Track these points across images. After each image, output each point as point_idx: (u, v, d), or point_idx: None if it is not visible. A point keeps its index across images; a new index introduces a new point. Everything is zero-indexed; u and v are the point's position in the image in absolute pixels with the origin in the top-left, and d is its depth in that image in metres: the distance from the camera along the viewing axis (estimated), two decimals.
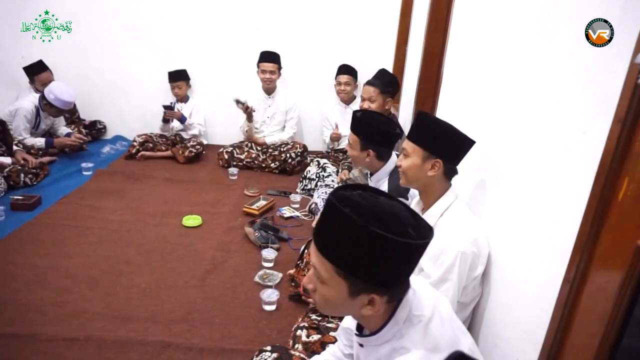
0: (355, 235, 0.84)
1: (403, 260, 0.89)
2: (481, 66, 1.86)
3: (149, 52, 4.24)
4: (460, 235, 1.48)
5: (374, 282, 0.89)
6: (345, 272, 0.88)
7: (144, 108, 4.36)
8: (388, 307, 0.95)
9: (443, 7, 2.82)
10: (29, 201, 2.88)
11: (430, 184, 1.56)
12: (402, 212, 0.91)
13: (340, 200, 0.86)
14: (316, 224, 0.94)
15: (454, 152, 1.54)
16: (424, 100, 3.07)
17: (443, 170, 1.53)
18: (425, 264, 1.51)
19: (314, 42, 4.17)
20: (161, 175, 3.60)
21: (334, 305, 0.98)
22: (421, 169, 1.54)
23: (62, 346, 1.76)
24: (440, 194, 1.56)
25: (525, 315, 1.29)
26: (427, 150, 1.52)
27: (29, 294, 2.06)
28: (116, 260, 2.39)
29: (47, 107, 3.57)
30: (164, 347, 1.79)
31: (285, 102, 3.96)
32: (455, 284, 1.46)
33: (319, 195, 2.86)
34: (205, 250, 2.53)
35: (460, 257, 1.44)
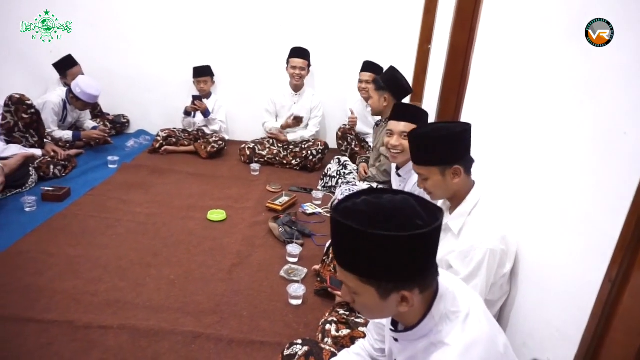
0: (362, 242, 0.88)
1: (417, 251, 0.89)
2: (512, 65, 1.87)
3: (173, 48, 4.30)
4: (489, 232, 1.49)
5: (397, 280, 0.91)
6: (368, 278, 0.91)
7: (166, 103, 4.43)
8: (423, 300, 0.97)
9: (470, 6, 2.81)
10: (59, 192, 2.96)
11: (458, 189, 1.57)
12: (407, 205, 0.92)
13: (342, 214, 0.90)
14: (331, 241, 0.97)
15: (462, 149, 1.54)
16: (448, 99, 3.07)
17: (464, 171, 1.53)
18: (454, 261, 1.53)
19: (337, 40, 4.18)
20: (185, 170, 3.65)
21: (373, 310, 1.01)
22: (445, 181, 1.53)
23: (97, 333, 1.82)
24: (466, 193, 1.57)
25: (558, 313, 1.30)
26: (441, 165, 1.51)
27: (63, 282, 2.12)
28: (145, 252, 2.44)
29: (73, 101, 3.65)
30: (195, 337, 1.84)
31: (311, 100, 3.99)
32: (484, 281, 1.48)
33: (342, 192, 2.88)
34: (231, 244, 2.58)
35: (489, 254, 1.46)
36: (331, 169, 3.43)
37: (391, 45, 4.06)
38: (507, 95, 1.88)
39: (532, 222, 1.53)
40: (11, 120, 3.24)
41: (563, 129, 1.37)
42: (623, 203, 1.00)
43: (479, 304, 1.07)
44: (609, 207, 1.08)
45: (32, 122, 3.32)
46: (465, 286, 1.12)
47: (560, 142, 1.38)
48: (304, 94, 3.97)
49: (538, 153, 1.53)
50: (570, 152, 1.31)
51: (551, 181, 1.41)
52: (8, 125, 3.23)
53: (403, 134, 2.16)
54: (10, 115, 3.24)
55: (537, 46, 1.64)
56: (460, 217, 1.56)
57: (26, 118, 3.27)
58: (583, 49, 1.28)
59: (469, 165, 1.56)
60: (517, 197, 1.67)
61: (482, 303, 1.10)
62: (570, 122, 1.33)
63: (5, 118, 3.23)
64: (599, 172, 1.15)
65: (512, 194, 1.71)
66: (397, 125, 2.20)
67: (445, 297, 0.99)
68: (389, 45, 4.06)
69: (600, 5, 1.23)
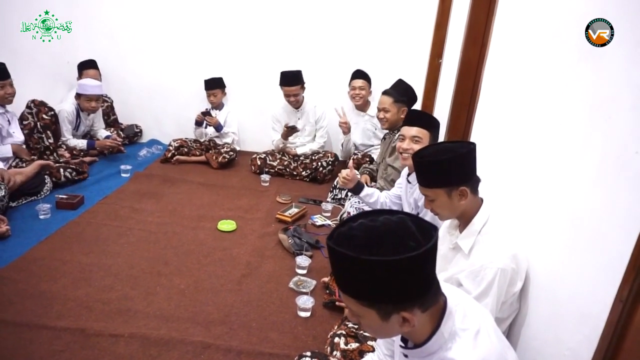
0: (356, 268, 0.89)
1: (411, 273, 0.90)
2: (523, 81, 1.88)
3: (186, 60, 4.38)
4: (500, 251, 1.48)
5: (395, 302, 0.92)
6: (366, 301, 0.93)
7: (179, 113, 4.49)
8: (429, 318, 0.98)
9: (481, 21, 2.83)
10: (72, 200, 3.01)
11: (465, 209, 1.56)
12: (401, 227, 0.92)
13: (336, 241, 0.92)
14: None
15: (468, 170, 1.53)
16: (458, 115, 3.08)
17: (470, 191, 1.52)
18: (464, 280, 1.52)
19: (347, 53, 4.22)
20: (196, 180, 3.70)
21: (377, 331, 1.03)
22: (452, 203, 1.52)
23: (108, 341, 1.84)
24: (475, 212, 1.56)
25: (568, 332, 1.30)
26: (446, 187, 1.51)
27: (76, 289, 2.15)
28: (156, 261, 2.47)
29: (81, 101, 3.73)
30: (204, 347, 1.85)
31: (314, 112, 4.02)
32: (494, 301, 1.47)
33: (352, 205, 2.89)
34: (241, 255, 2.60)
35: (500, 273, 1.45)
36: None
37: (402, 59, 4.09)
38: (518, 111, 1.90)
39: (543, 239, 1.52)
40: (32, 121, 3.35)
41: (574, 146, 1.37)
42: (634, 222, 1.00)
43: (489, 321, 1.07)
44: (620, 225, 1.08)
45: (51, 124, 3.44)
46: (475, 303, 1.12)
47: (571, 159, 1.39)
48: (305, 108, 3.99)
49: (549, 170, 1.53)
50: (582, 170, 1.31)
51: (562, 199, 1.41)
52: (29, 126, 3.34)
53: (414, 138, 2.22)
54: (32, 116, 3.36)
55: (548, 63, 1.65)
56: (470, 236, 1.56)
57: (46, 119, 3.40)
58: (595, 67, 1.29)
59: (475, 185, 1.56)
60: (528, 215, 1.67)
61: (492, 320, 1.10)
62: (581, 140, 1.33)
63: (26, 119, 3.33)
64: (610, 190, 1.15)
65: (523, 211, 1.72)
66: (410, 130, 2.25)
67: (454, 314, 1.00)
68: (400, 59, 4.09)
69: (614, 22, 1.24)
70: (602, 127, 1.23)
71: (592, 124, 1.28)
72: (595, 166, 1.24)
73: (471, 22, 2.87)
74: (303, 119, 4.01)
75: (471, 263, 1.53)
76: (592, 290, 1.18)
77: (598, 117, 1.25)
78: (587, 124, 1.32)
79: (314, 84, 4.11)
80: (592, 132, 1.28)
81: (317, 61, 4.22)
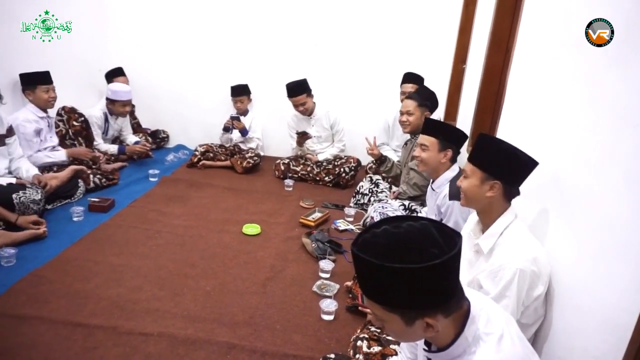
0: (380, 274, 0.91)
1: (434, 280, 0.91)
2: (550, 88, 1.87)
3: (211, 67, 4.49)
4: (520, 253, 1.49)
5: (418, 308, 0.94)
6: (390, 307, 0.95)
7: (205, 119, 4.61)
8: (453, 322, 0.99)
9: (506, 27, 2.83)
10: (104, 203, 3.12)
11: (489, 204, 1.59)
12: (425, 234, 0.93)
13: (360, 247, 0.94)
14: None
15: (514, 174, 1.55)
16: (482, 120, 3.07)
17: (502, 192, 1.55)
18: (483, 280, 1.53)
19: (370, 58, 4.26)
20: (221, 184, 3.78)
21: (401, 335, 1.05)
22: (480, 190, 1.57)
23: (139, 339, 1.90)
24: (499, 214, 1.58)
25: (595, 341, 1.29)
26: (485, 172, 1.55)
27: (107, 289, 2.23)
28: (182, 263, 2.54)
29: (111, 106, 3.87)
30: (230, 348, 1.90)
31: (327, 118, 4.02)
32: (514, 302, 1.47)
33: (375, 210, 2.91)
34: (265, 258, 2.65)
35: (518, 274, 1.45)
36: (363, 186, 3.47)
37: (426, 64, 4.09)
38: (544, 117, 1.89)
39: (568, 246, 1.51)
40: (63, 128, 3.50)
41: (602, 152, 1.36)
42: None
43: (513, 326, 1.08)
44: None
45: (82, 130, 3.58)
46: (498, 308, 1.13)
47: (598, 166, 1.38)
48: (317, 115, 4.01)
49: (575, 176, 1.53)
50: (610, 177, 1.30)
51: (589, 206, 1.40)
52: (60, 133, 3.49)
53: (421, 145, 2.32)
54: (63, 123, 3.50)
55: (575, 69, 1.64)
56: (491, 237, 1.57)
57: (76, 126, 3.54)
58: (624, 73, 1.29)
59: (510, 192, 1.57)
60: (553, 221, 1.66)
61: (516, 325, 1.11)
62: (609, 146, 1.32)
63: (57, 126, 3.47)
64: (638, 196, 1.15)
65: (548, 217, 1.71)
66: (421, 137, 2.35)
67: (478, 319, 1.01)
68: (424, 64, 4.09)
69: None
70: (630, 134, 1.23)
71: (620, 131, 1.27)
72: (624, 173, 1.23)
73: (495, 28, 2.87)
74: (317, 126, 4.03)
75: (491, 263, 1.54)
76: (619, 300, 1.17)
77: (626, 124, 1.24)
78: (615, 130, 1.31)
79: (338, 90, 4.15)
80: (620, 138, 1.28)
81: (342, 67, 4.28)
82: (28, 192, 2.71)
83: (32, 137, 3.20)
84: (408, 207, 2.94)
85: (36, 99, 3.23)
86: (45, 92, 3.23)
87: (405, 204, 2.96)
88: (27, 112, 3.21)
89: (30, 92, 3.22)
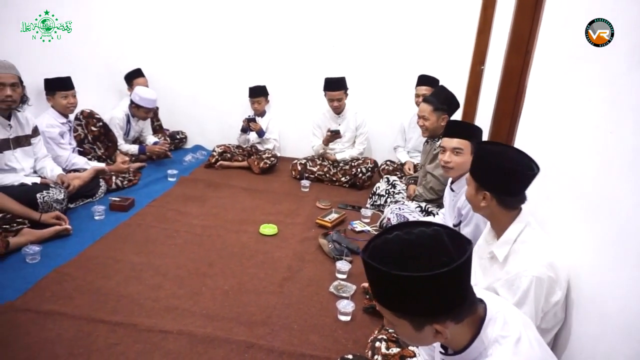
0: (388, 282, 0.92)
1: (444, 287, 0.91)
2: (571, 91, 1.85)
3: (230, 69, 4.54)
4: (535, 260, 1.47)
5: (427, 315, 0.94)
6: (399, 312, 0.96)
7: (222, 120, 4.66)
8: (466, 326, 0.99)
9: (525, 29, 2.80)
10: (124, 203, 3.18)
11: (490, 213, 1.59)
12: (435, 241, 0.93)
13: (370, 254, 0.94)
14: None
15: (505, 186, 1.53)
16: (501, 122, 3.04)
17: (497, 202, 1.54)
18: (500, 289, 1.52)
19: (387, 59, 4.26)
20: (238, 185, 3.81)
21: (412, 340, 1.06)
22: (475, 199, 1.60)
23: (158, 337, 1.94)
24: (509, 222, 1.56)
25: (617, 348, 1.27)
26: (477, 182, 1.58)
27: (128, 287, 2.28)
28: (201, 262, 2.57)
29: (135, 110, 3.94)
30: (248, 347, 1.92)
31: (355, 119, 4.06)
32: (532, 309, 1.45)
33: (392, 211, 2.91)
34: (282, 258, 2.67)
35: (535, 281, 1.44)
36: (380, 187, 3.47)
37: (444, 65, 4.07)
38: (565, 120, 1.87)
39: (590, 251, 1.50)
40: (82, 133, 3.56)
41: (625, 156, 1.35)
42: None
43: (531, 329, 1.07)
44: None
45: (100, 135, 3.64)
46: (516, 311, 1.13)
47: (621, 170, 1.36)
48: (346, 114, 4.05)
49: (597, 180, 1.51)
50: (633, 181, 1.29)
51: (612, 210, 1.39)
52: (79, 137, 3.56)
53: (455, 150, 2.24)
54: (81, 128, 3.56)
55: (598, 72, 1.62)
56: (505, 244, 1.56)
57: (95, 131, 3.60)
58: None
59: (505, 202, 1.54)
60: (574, 225, 1.64)
61: (534, 328, 1.10)
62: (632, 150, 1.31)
63: (76, 130, 3.54)
64: None
65: (568, 221, 1.69)
66: (450, 141, 2.26)
67: (495, 321, 1.01)
68: (442, 65, 4.08)
69: None
70: None
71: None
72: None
73: (515, 29, 2.84)
74: (344, 125, 4.06)
75: (506, 272, 1.52)
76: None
77: None
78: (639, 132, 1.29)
79: (355, 91, 4.16)
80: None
81: (359, 68, 4.28)
82: (52, 192, 2.78)
83: (59, 139, 3.27)
84: (424, 208, 2.94)
85: (56, 105, 3.28)
86: (63, 98, 3.27)
87: (422, 205, 2.96)
88: (49, 118, 3.26)
89: (50, 98, 3.28)
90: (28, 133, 2.95)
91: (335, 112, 4.01)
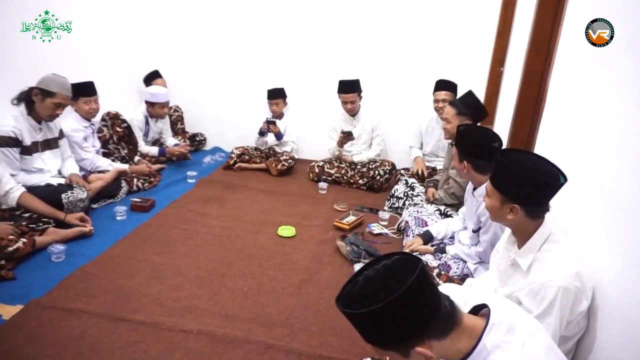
0: (358, 321, 0.97)
1: (404, 310, 0.93)
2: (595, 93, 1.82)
3: (248, 71, 4.58)
4: (562, 269, 1.44)
5: (405, 340, 0.96)
6: (382, 346, 0.99)
7: (241, 122, 4.71)
8: (460, 337, 1.00)
9: (547, 30, 2.76)
10: (145, 204, 3.23)
11: (515, 224, 1.55)
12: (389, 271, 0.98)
13: (338, 298, 1.01)
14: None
15: (533, 197, 1.48)
16: (521, 125, 3.00)
17: (524, 213, 1.49)
18: (523, 298, 1.49)
19: (405, 61, 4.24)
20: (256, 186, 3.85)
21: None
22: (500, 212, 1.54)
23: (179, 336, 1.97)
24: (533, 231, 1.53)
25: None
26: (503, 195, 1.51)
27: (149, 287, 2.32)
28: (220, 263, 2.60)
29: (151, 109, 4.01)
30: (267, 347, 1.93)
31: (370, 121, 4.06)
32: (557, 320, 1.42)
33: (410, 214, 2.90)
34: (300, 260, 2.68)
35: (561, 292, 1.40)
36: (398, 190, 3.46)
37: (463, 66, 4.04)
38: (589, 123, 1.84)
39: (615, 257, 1.47)
40: (107, 134, 3.64)
41: None
42: None
43: (542, 335, 1.06)
44: None
45: (124, 136, 3.72)
46: (527, 317, 1.12)
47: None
48: (360, 116, 4.04)
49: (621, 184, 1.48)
50: None
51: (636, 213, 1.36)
52: (104, 138, 3.64)
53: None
54: (107, 129, 3.64)
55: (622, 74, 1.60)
56: (528, 253, 1.53)
57: (120, 132, 3.67)
58: None
59: (532, 212, 1.50)
60: (599, 231, 1.61)
61: (546, 335, 1.09)
62: None
63: (101, 131, 3.62)
64: None
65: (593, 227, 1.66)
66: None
67: (498, 327, 1.01)
68: (461, 66, 4.05)
69: None
70: None
71: None
72: None
73: (536, 30, 2.81)
74: (359, 127, 4.06)
75: (530, 281, 1.49)
76: None
77: None
78: None
79: (373, 94, 4.16)
80: None
81: (376, 71, 4.28)
82: (75, 192, 2.85)
83: (83, 143, 3.34)
84: (443, 212, 2.92)
85: (78, 109, 3.34)
86: (85, 104, 3.31)
87: (441, 209, 2.94)
88: (73, 122, 3.32)
89: (73, 103, 3.34)
90: (56, 136, 3.04)
91: (350, 114, 4.02)
